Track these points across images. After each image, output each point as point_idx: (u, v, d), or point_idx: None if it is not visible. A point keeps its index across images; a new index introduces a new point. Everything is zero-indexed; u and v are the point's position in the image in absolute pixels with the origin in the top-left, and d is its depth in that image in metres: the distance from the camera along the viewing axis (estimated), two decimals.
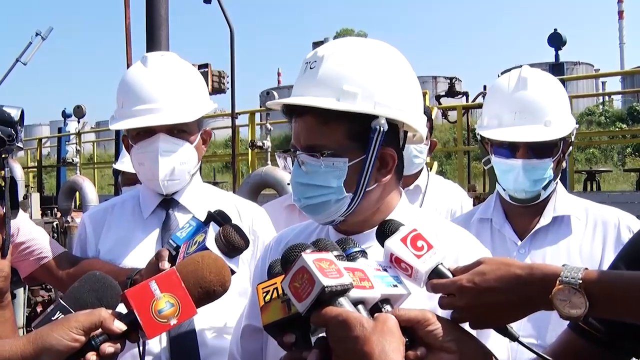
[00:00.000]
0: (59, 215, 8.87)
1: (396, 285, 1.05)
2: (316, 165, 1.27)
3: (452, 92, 12.78)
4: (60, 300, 1.17)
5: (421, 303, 1.09)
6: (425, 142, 2.89)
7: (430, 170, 3.21)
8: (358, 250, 1.09)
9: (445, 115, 12.52)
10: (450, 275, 1.06)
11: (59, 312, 1.14)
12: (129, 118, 1.87)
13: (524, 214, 2.05)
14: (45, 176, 15.86)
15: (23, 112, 1.33)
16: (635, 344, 1.14)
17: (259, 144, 6.99)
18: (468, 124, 10.90)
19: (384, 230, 1.11)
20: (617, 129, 20.55)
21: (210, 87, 6.35)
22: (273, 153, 6.77)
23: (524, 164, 1.94)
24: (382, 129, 1.24)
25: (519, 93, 1.98)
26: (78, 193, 9.03)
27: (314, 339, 1.01)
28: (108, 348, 1.03)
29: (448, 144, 19.43)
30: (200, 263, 1.15)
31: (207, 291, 1.13)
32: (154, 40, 5.24)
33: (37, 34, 13.84)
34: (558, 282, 0.98)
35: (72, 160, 10.77)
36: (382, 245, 1.10)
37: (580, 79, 22.99)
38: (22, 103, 1.31)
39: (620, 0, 44.64)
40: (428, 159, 3.69)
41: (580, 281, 0.96)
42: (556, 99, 2.00)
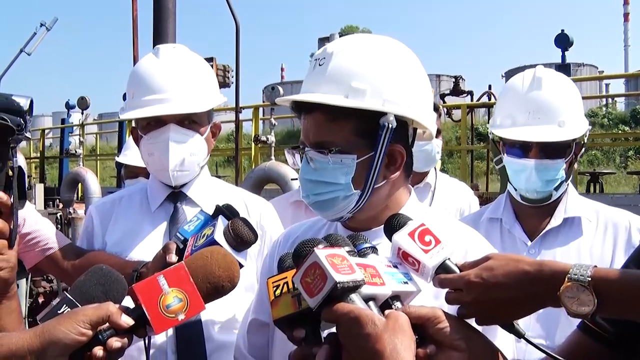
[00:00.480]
0: (61, 206, 8.86)
1: (407, 282, 1.04)
2: (324, 162, 1.27)
3: (457, 91, 12.73)
4: (67, 293, 1.15)
5: (427, 301, 1.09)
6: (439, 137, 2.92)
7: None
8: (369, 246, 1.07)
9: (449, 114, 12.50)
10: (457, 270, 1.05)
11: (65, 306, 1.12)
12: (139, 108, 1.87)
13: (534, 215, 2.04)
14: (47, 167, 15.84)
15: (32, 102, 1.31)
16: None
17: (262, 138, 6.98)
18: (472, 123, 10.88)
19: (392, 224, 1.10)
20: (620, 131, 20.53)
21: None
22: (277, 148, 6.76)
23: (537, 164, 1.93)
24: (391, 126, 1.24)
25: (533, 93, 1.96)
26: (80, 185, 9.02)
27: (324, 334, 1.00)
28: (115, 343, 1.02)
29: (450, 143, 19.39)
30: (209, 258, 1.13)
31: (216, 287, 1.11)
32: (160, 33, 5.24)
33: (42, 25, 13.84)
34: (567, 279, 0.97)
35: (75, 151, 10.77)
36: (390, 239, 1.09)
37: (584, 80, 22.91)
38: (26, 93, 1.30)
39: (626, 2, 44.54)
40: None
41: (589, 278, 0.96)
42: (570, 100, 1.99)
